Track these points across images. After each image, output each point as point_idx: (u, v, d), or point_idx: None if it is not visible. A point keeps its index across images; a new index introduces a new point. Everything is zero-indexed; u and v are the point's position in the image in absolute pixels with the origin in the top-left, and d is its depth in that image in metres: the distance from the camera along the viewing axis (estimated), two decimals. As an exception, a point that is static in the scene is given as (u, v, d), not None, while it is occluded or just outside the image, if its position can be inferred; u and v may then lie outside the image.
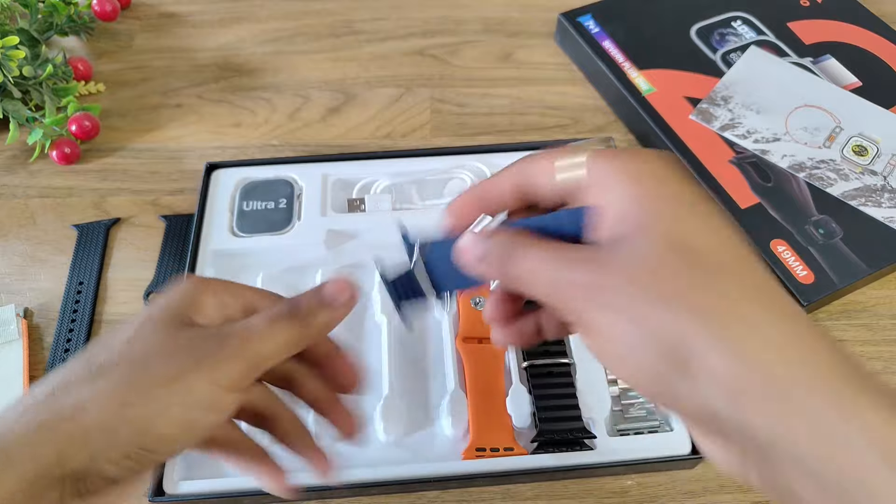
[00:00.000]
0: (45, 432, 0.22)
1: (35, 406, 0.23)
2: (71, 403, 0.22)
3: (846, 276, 0.45)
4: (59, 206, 0.52)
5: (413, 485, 0.39)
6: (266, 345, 0.25)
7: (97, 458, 0.22)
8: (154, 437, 0.23)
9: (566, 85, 0.61)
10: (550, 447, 0.39)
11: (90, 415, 0.22)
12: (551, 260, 0.22)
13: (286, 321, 0.25)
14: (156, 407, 0.22)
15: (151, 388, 0.23)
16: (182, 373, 0.23)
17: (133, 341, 0.24)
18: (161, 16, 0.67)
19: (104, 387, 0.23)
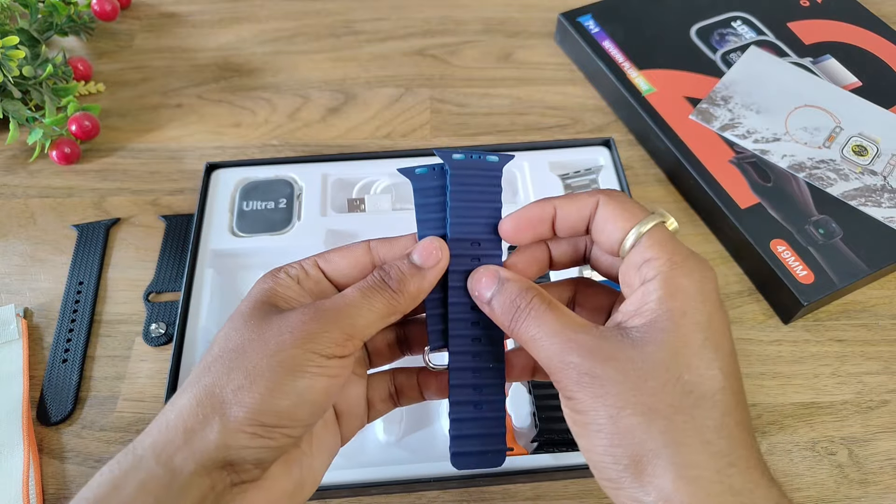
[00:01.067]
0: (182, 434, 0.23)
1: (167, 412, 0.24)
2: (186, 400, 0.23)
3: (846, 276, 0.45)
4: (59, 206, 0.52)
5: (413, 485, 0.39)
6: (361, 316, 0.25)
7: (229, 444, 0.23)
8: (272, 413, 0.23)
9: (566, 85, 0.61)
10: (550, 447, 0.39)
11: (205, 406, 0.23)
12: (555, 335, 0.24)
13: (378, 292, 0.26)
14: (264, 383, 0.23)
15: (256, 368, 0.23)
16: (281, 348, 0.24)
17: (228, 335, 0.25)
18: (161, 16, 0.67)
19: (210, 380, 0.24)
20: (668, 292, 0.23)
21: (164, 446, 0.23)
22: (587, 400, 0.23)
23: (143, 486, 0.22)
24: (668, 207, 0.53)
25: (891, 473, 0.41)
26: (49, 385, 0.43)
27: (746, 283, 0.49)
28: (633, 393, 0.22)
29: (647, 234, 0.24)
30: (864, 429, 0.42)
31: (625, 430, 0.22)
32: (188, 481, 0.22)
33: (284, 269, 0.27)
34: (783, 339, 0.46)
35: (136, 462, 0.23)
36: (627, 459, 0.22)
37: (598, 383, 0.22)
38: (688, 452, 0.21)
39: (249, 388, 0.23)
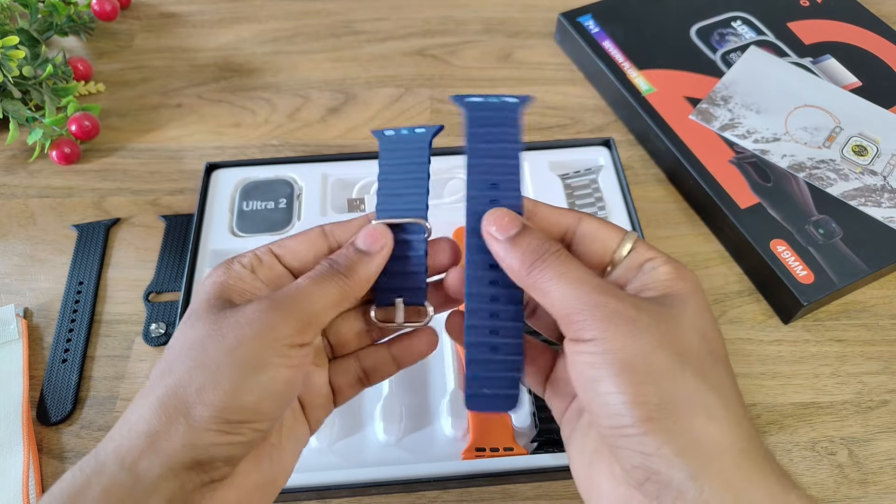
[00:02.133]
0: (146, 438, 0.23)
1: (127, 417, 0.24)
2: (149, 404, 0.23)
3: (846, 276, 0.45)
4: (59, 206, 0.52)
5: (413, 485, 0.39)
6: (316, 303, 0.25)
7: (196, 443, 0.22)
8: (237, 409, 0.23)
9: (566, 85, 0.61)
10: (550, 447, 0.39)
11: (168, 408, 0.23)
12: (582, 280, 0.24)
13: (329, 279, 0.26)
14: (227, 380, 0.23)
15: (217, 365, 0.23)
16: (240, 343, 0.23)
17: (185, 333, 0.25)
18: (161, 16, 0.67)
19: (171, 381, 0.23)
20: (678, 275, 0.25)
21: (129, 451, 0.22)
22: (619, 338, 0.22)
23: (107, 492, 0.22)
24: (668, 207, 0.53)
25: (891, 473, 0.41)
26: (49, 385, 0.43)
27: (746, 283, 0.49)
28: (666, 338, 0.23)
29: (639, 243, 0.26)
30: (864, 429, 0.42)
31: (659, 368, 0.22)
32: (154, 485, 0.22)
33: (237, 259, 0.27)
34: (783, 339, 0.46)
35: (98, 467, 0.22)
36: (658, 399, 0.22)
37: (632, 323, 0.23)
38: (717, 398, 0.22)
39: (212, 386, 0.23)
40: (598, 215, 0.49)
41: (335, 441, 0.40)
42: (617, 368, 0.22)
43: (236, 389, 0.23)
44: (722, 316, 0.47)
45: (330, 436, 0.40)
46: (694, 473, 0.21)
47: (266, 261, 0.28)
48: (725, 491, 0.21)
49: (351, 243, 0.28)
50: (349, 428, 0.41)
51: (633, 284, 0.26)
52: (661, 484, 0.21)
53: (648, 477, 0.22)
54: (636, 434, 0.22)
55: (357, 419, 0.41)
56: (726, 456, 0.21)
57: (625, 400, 0.22)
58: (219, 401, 0.23)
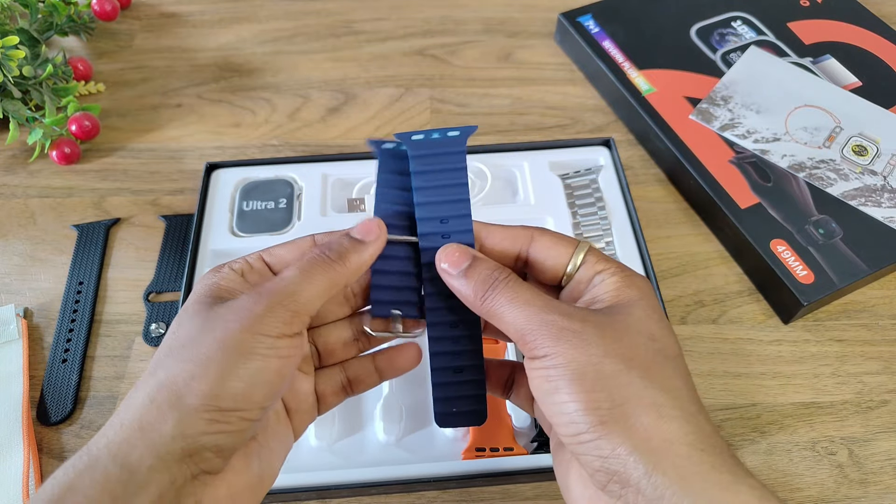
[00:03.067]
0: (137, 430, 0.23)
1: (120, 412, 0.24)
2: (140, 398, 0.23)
3: (846, 276, 0.45)
4: (59, 206, 0.52)
5: (413, 485, 0.39)
6: (303, 291, 0.26)
7: (186, 433, 0.23)
8: (227, 397, 0.23)
9: (566, 85, 0.61)
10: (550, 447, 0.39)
11: (159, 401, 0.23)
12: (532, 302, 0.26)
13: (318, 265, 0.27)
14: (215, 369, 0.23)
15: (206, 356, 0.24)
16: (229, 334, 0.24)
17: (176, 332, 0.25)
18: (161, 16, 0.67)
19: (163, 375, 0.24)
20: (625, 283, 0.27)
21: (120, 445, 0.22)
22: (568, 351, 0.24)
23: (99, 486, 0.22)
24: (668, 207, 0.53)
25: (891, 473, 0.41)
26: (49, 385, 0.43)
27: (746, 283, 0.49)
28: (612, 345, 0.24)
29: (591, 254, 0.28)
30: (864, 429, 0.42)
31: (607, 374, 0.23)
32: (146, 477, 0.22)
33: (228, 265, 0.28)
34: (783, 339, 0.46)
35: (91, 462, 0.22)
36: (609, 403, 0.23)
37: (579, 337, 0.24)
38: (665, 396, 0.23)
39: (202, 375, 0.23)
40: (598, 215, 0.49)
41: (335, 441, 0.40)
42: (569, 379, 0.23)
43: (225, 377, 0.23)
44: (722, 316, 0.47)
45: (330, 436, 0.40)
46: (648, 470, 0.22)
47: (257, 267, 0.28)
48: (677, 483, 0.21)
49: (344, 233, 0.28)
50: (349, 428, 0.41)
51: (584, 297, 0.27)
52: (622, 483, 0.22)
53: (610, 478, 0.23)
54: (592, 439, 0.23)
55: (357, 419, 0.41)
56: (677, 449, 0.22)
57: (579, 408, 0.23)
58: (208, 388, 0.23)
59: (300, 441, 0.40)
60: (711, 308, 0.48)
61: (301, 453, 0.40)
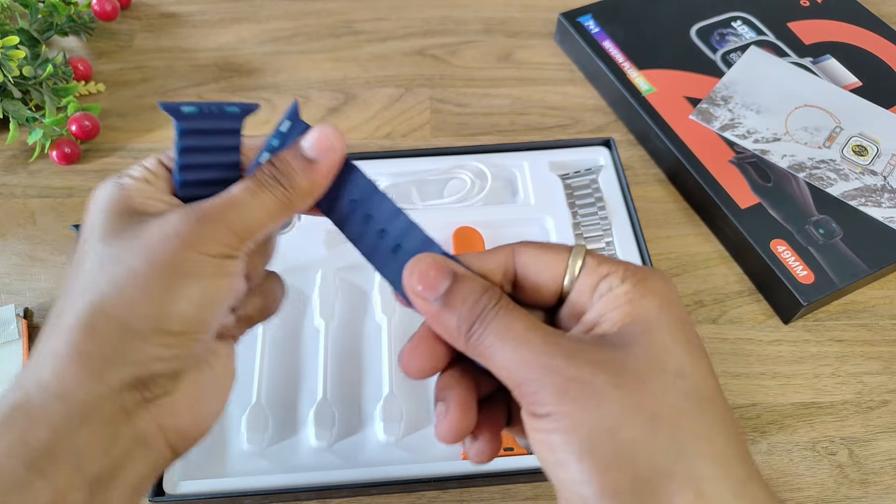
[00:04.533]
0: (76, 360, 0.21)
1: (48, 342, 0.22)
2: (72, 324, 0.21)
3: (846, 276, 0.45)
4: (59, 206, 0.52)
5: (413, 485, 0.39)
6: (251, 215, 0.23)
7: (137, 359, 0.21)
8: (177, 319, 0.22)
9: (566, 85, 0.61)
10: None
11: (98, 328, 0.21)
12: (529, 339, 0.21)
13: (267, 188, 0.23)
14: (161, 290, 0.21)
15: (146, 276, 0.21)
16: (170, 254, 0.21)
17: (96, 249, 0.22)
18: (161, 16, 0.67)
19: (94, 298, 0.21)
20: (639, 293, 0.21)
21: (56, 375, 0.20)
22: (575, 412, 0.19)
23: (34, 418, 0.20)
24: (668, 207, 0.53)
25: (891, 473, 0.41)
26: (49, 385, 0.43)
27: (746, 283, 0.49)
28: (631, 397, 0.19)
29: (590, 256, 0.23)
30: (864, 429, 0.42)
31: (627, 444, 0.19)
32: (90, 406, 0.20)
33: (125, 173, 0.24)
34: (783, 339, 0.46)
35: (22, 397, 0.20)
36: (631, 482, 0.18)
37: (589, 390, 0.19)
38: (706, 464, 0.19)
39: (146, 298, 0.21)
40: (598, 215, 0.49)
41: (335, 441, 0.40)
42: (579, 452, 0.19)
43: (173, 299, 0.21)
44: (722, 316, 0.47)
45: (330, 436, 0.40)
46: None
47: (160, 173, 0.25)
48: None
49: (296, 146, 0.24)
50: (349, 428, 0.41)
51: (589, 314, 0.22)
52: None
53: None
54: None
55: (357, 419, 0.41)
56: None
57: (594, 491, 0.19)
58: (156, 312, 0.21)
59: (300, 441, 0.40)
60: (711, 308, 0.48)
61: (301, 453, 0.40)
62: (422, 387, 0.43)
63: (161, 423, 0.22)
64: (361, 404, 0.42)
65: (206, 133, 0.24)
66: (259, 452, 0.40)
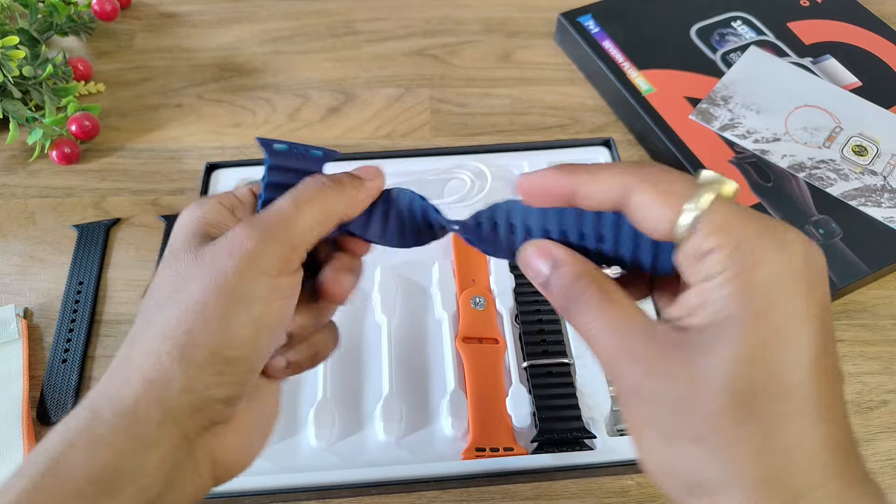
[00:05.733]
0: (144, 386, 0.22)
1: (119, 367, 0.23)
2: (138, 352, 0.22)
3: (846, 276, 0.45)
4: (59, 206, 0.52)
5: (413, 485, 0.39)
6: (299, 221, 0.23)
7: (194, 387, 0.22)
8: (233, 346, 0.22)
9: (566, 85, 0.61)
10: (550, 447, 0.39)
11: (160, 354, 0.22)
12: (609, 336, 0.21)
13: (314, 192, 0.24)
14: (216, 318, 0.22)
15: (203, 303, 0.22)
16: (225, 278, 0.22)
17: (164, 276, 0.23)
18: (161, 16, 0.67)
19: (160, 327, 0.22)
20: (739, 288, 0.19)
21: (124, 399, 0.21)
22: (636, 422, 0.21)
23: (105, 443, 0.20)
24: (668, 207, 0.53)
25: (891, 473, 0.41)
26: (49, 385, 0.43)
27: (746, 283, 0.49)
28: (685, 418, 0.19)
29: (705, 217, 0.19)
30: (864, 429, 0.42)
31: (678, 457, 0.20)
32: (156, 433, 0.21)
33: (216, 198, 0.26)
34: (783, 339, 0.46)
35: (92, 418, 0.21)
36: (684, 486, 0.20)
37: (647, 407, 0.20)
38: (756, 489, 0.18)
39: (204, 326, 0.22)
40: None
41: (335, 441, 0.40)
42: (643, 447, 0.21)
43: (228, 326, 0.22)
44: (722, 316, 0.47)
45: (330, 436, 0.40)
46: None
47: (246, 201, 0.26)
48: None
49: (345, 172, 0.26)
50: (349, 428, 0.41)
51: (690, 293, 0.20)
52: None
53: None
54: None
55: (357, 419, 0.41)
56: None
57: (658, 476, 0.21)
58: (212, 341, 0.22)
59: (300, 441, 0.40)
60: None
61: (301, 453, 0.40)
62: (422, 387, 0.43)
63: (213, 452, 0.23)
64: (361, 404, 0.42)
65: (291, 171, 0.25)
66: (259, 452, 0.40)
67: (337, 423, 0.41)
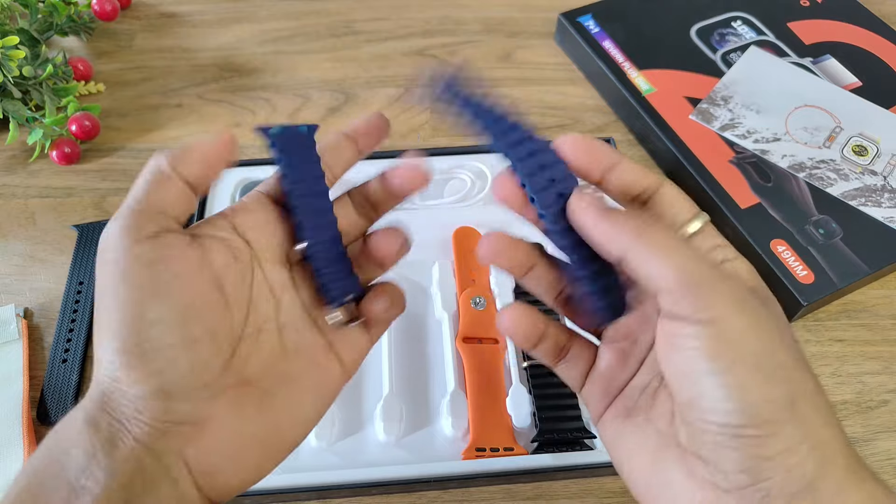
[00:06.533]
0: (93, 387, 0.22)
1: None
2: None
3: (846, 276, 0.45)
4: (59, 206, 0.52)
5: (413, 485, 0.39)
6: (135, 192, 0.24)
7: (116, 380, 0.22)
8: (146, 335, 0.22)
9: (566, 85, 0.61)
10: (550, 447, 0.39)
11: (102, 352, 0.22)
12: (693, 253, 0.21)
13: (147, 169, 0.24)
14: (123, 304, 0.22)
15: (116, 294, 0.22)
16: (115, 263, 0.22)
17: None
18: (161, 16, 0.67)
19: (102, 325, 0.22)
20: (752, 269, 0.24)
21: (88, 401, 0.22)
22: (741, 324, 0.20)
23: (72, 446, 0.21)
24: (668, 207, 0.53)
25: (891, 473, 0.41)
26: (49, 385, 0.43)
27: (746, 283, 0.49)
28: (784, 333, 0.21)
29: (709, 226, 0.24)
30: (864, 429, 0.42)
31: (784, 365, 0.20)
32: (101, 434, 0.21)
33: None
34: (783, 339, 0.46)
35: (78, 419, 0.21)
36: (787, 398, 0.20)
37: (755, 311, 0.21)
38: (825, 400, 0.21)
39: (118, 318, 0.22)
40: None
41: (335, 441, 0.40)
42: (744, 363, 0.20)
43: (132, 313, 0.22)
44: (722, 316, 0.47)
45: (330, 436, 0.40)
46: (812, 481, 0.19)
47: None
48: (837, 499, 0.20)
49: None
50: (349, 428, 0.41)
51: None
52: (767, 492, 0.19)
53: (754, 482, 0.19)
54: (759, 435, 0.19)
55: (357, 419, 0.41)
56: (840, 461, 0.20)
57: (752, 399, 0.19)
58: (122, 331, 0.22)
59: (300, 441, 0.40)
60: None
61: (301, 453, 0.40)
62: (422, 387, 0.43)
63: (188, 459, 0.22)
64: (361, 404, 0.42)
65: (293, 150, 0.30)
66: (259, 452, 0.40)
67: (337, 423, 0.41)
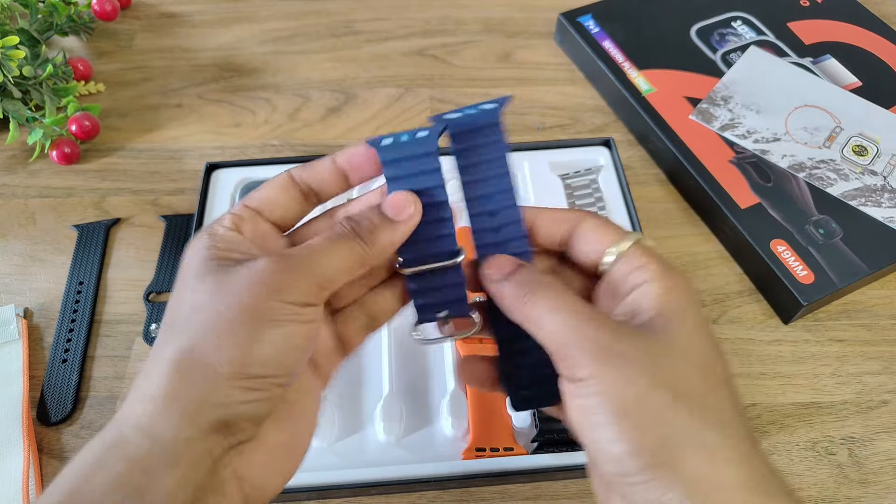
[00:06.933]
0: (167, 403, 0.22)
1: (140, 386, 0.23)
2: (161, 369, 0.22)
3: (846, 276, 0.45)
4: (59, 206, 0.52)
5: (413, 485, 0.39)
6: (331, 266, 0.24)
7: (222, 402, 0.22)
8: (259, 363, 0.22)
9: (566, 85, 0.61)
10: (550, 447, 0.39)
11: (185, 370, 0.22)
12: (573, 311, 0.23)
13: (346, 241, 0.25)
14: (244, 335, 0.22)
15: (231, 322, 0.22)
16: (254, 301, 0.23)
17: (185, 295, 0.24)
18: (161, 16, 0.67)
19: (183, 343, 0.23)
20: (666, 288, 0.24)
21: (150, 417, 0.22)
22: (609, 377, 0.22)
23: (130, 459, 0.21)
24: (668, 207, 0.53)
25: (891, 473, 0.41)
26: (49, 385, 0.43)
27: (746, 283, 0.49)
28: (661, 372, 0.22)
29: (634, 246, 0.25)
30: (864, 429, 0.42)
31: (654, 409, 0.21)
32: (181, 449, 0.21)
33: (217, 223, 0.26)
34: (783, 339, 0.46)
35: (118, 437, 0.22)
36: (654, 443, 0.21)
37: (625, 362, 0.22)
38: (718, 434, 0.21)
39: (230, 342, 0.22)
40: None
41: (335, 441, 0.40)
42: (613, 414, 0.22)
43: (255, 344, 0.22)
44: (722, 316, 0.47)
45: (330, 436, 0.40)
46: None
47: (247, 217, 0.27)
48: None
49: (376, 206, 0.27)
50: (349, 428, 0.41)
51: (625, 301, 0.25)
52: None
53: None
54: (641, 481, 0.21)
55: (357, 419, 0.41)
56: (734, 497, 0.21)
57: (626, 449, 0.21)
58: (240, 356, 0.22)
59: (300, 441, 0.40)
60: (711, 308, 0.48)
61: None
62: (422, 387, 0.43)
63: (240, 472, 0.23)
64: (361, 404, 0.42)
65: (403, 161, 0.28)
66: (259, 452, 0.40)
67: (337, 423, 0.41)
